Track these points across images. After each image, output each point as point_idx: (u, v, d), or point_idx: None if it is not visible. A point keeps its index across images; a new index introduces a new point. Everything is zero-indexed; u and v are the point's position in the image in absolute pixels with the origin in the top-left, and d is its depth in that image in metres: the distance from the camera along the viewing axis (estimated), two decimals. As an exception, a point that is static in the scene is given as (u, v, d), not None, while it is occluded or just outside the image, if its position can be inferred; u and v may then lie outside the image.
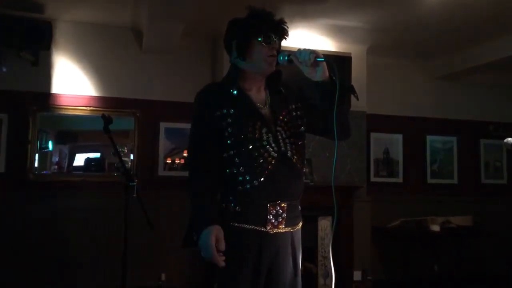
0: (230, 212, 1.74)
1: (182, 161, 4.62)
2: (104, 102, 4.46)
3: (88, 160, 4.50)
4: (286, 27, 1.84)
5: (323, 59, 1.73)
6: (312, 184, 4.28)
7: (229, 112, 1.76)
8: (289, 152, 1.78)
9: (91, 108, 4.41)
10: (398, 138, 5.43)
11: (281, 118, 1.82)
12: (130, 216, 3.17)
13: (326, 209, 4.21)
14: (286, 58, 1.77)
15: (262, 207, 1.72)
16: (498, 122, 5.90)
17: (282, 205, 1.75)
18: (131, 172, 4.31)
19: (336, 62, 1.74)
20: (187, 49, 4.68)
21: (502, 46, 4.67)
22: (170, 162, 4.62)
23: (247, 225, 1.72)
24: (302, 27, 4.33)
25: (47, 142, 4.38)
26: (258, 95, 1.85)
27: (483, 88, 5.86)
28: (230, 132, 1.74)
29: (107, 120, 3.19)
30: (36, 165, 4.26)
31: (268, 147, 1.74)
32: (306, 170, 4.27)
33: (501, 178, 5.92)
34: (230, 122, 1.75)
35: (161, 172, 4.57)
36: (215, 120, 1.76)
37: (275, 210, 1.74)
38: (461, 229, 4.98)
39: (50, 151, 4.40)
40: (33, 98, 4.27)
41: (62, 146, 4.46)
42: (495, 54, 4.77)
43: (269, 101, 1.86)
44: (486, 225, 5.10)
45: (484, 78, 5.67)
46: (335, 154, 1.70)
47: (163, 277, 4.38)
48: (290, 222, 1.79)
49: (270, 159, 1.73)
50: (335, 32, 4.52)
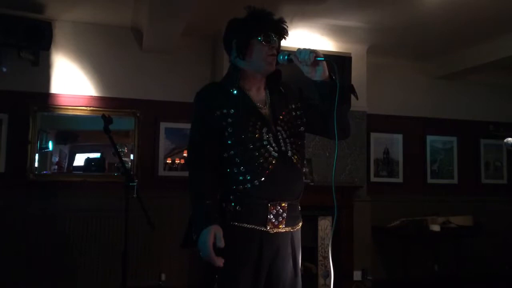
0: (230, 211, 1.74)
1: (182, 161, 4.62)
2: (104, 102, 4.46)
3: (88, 160, 4.50)
4: (285, 26, 1.84)
5: (323, 59, 1.73)
6: (312, 184, 4.28)
7: (229, 112, 1.76)
8: (289, 152, 1.78)
9: (91, 108, 4.41)
10: (398, 138, 5.43)
11: (281, 118, 1.82)
12: (130, 216, 3.18)
13: (326, 209, 4.22)
14: (286, 57, 1.77)
15: (263, 207, 1.72)
16: (498, 122, 5.90)
17: (283, 204, 1.75)
18: (131, 172, 4.32)
19: (336, 62, 1.74)
20: (187, 49, 4.68)
21: (502, 46, 4.66)
22: (170, 162, 4.62)
23: (248, 224, 1.72)
24: (302, 27, 4.33)
25: (47, 142, 4.38)
26: (258, 95, 1.85)
27: (483, 88, 5.86)
28: (231, 132, 1.74)
29: (107, 120, 3.20)
30: (36, 165, 4.26)
31: (268, 147, 1.74)
32: (306, 170, 4.27)
33: (501, 178, 5.92)
34: (230, 122, 1.75)
35: (161, 172, 4.57)
36: (215, 120, 1.76)
37: (276, 210, 1.74)
38: (461, 229, 4.98)
39: (50, 151, 4.40)
40: (33, 98, 4.27)
41: (62, 146, 4.46)
42: (495, 54, 4.77)
43: (269, 100, 1.86)
44: (486, 225, 5.10)
45: (484, 78, 5.67)
46: (335, 154, 1.71)
47: (163, 277, 4.38)
48: (290, 222, 1.79)
49: (270, 159, 1.73)
50: (335, 32, 4.52)
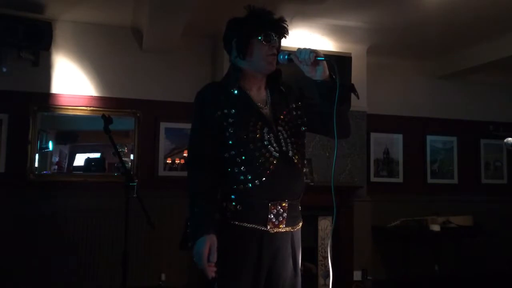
0: (231, 210, 1.73)
1: (182, 161, 4.62)
2: (104, 102, 4.46)
3: (88, 160, 4.50)
4: (286, 26, 1.83)
5: (323, 58, 1.72)
6: (312, 184, 4.28)
7: (230, 112, 1.75)
8: (290, 152, 1.77)
9: (91, 108, 4.41)
10: (398, 138, 5.43)
11: (281, 117, 1.82)
12: (130, 216, 3.18)
13: (326, 209, 4.21)
14: (286, 57, 1.77)
15: (263, 206, 1.72)
16: (498, 122, 5.90)
17: (283, 204, 1.75)
18: (131, 172, 4.32)
19: (336, 62, 1.74)
20: (187, 49, 4.68)
21: (502, 46, 4.66)
22: (170, 162, 4.62)
23: (248, 224, 1.72)
24: (302, 27, 4.33)
25: (47, 142, 4.38)
26: (259, 95, 1.84)
27: (483, 88, 5.86)
28: (231, 132, 1.74)
29: (107, 120, 3.20)
30: (36, 165, 4.26)
31: (269, 147, 1.74)
32: (306, 170, 4.27)
33: (501, 178, 5.92)
34: (231, 122, 1.74)
35: (161, 172, 4.57)
36: (216, 120, 1.75)
37: (276, 210, 1.74)
38: (461, 229, 4.98)
39: (50, 151, 4.40)
40: (33, 98, 4.27)
41: (62, 146, 4.47)
42: (495, 54, 4.77)
43: (269, 100, 1.85)
44: (486, 225, 5.10)
45: (484, 78, 5.67)
46: (335, 154, 1.70)
47: (163, 277, 4.38)
48: (290, 222, 1.78)
49: (271, 159, 1.73)
50: (335, 32, 4.52)
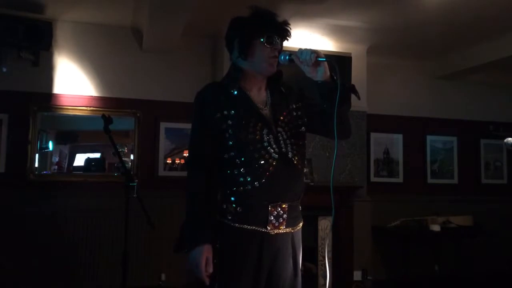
0: (231, 212, 1.73)
1: (182, 161, 4.62)
2: (104, 102, 4.46)
3: (88, 160, 4.50)
4: (289, 29, 1.82)
5: (325, 59, 1.72)
6: (312, 184, 4.27)
7: (229, 113, 1.75)
8: (290, 153, 1.77)
9: (91, 108, 4.41)
10: (398, 138, 5.43)
11: (281, 118, 1.82)
12: (130, 216, 3.18)
13: (326, 209, 4.19)
14: (287, 57, 1.76)
15: (263, 208, 1.72)
16: (498, 122, 5.90)
17: (283, 206, 1.75)
18: (131, 172, 4.32)
19: (336, 62, 1.74)
20: (187, 49, 4.68)
21: (502, 46, 4.66)
22: (170, 162, 4.62)
23: (248, 225, 1.72)
24: (302, 27, 4.32)
25: (47, 142, 4.37)
26: (259, 95, 1.84)
27: (483, 88, 5.86)
28: (231, 133, 1.74)
29: (107, 120, 3.20)
30: (36, 165, 4.26)
31: (269, 148, 1.74)
32: (306, 170, 4.26)
33: (501, 178, 5.92)
34: (231, 124, 1.74)
35: (161, 172, 4.57)
36: (216, 121, 1.75)
37: (276, 211, 1.73)
38: (461, 229, 4.98)
39: (50, 151, 4.40)
40: (33, 98, 4.26)
41: (62, 146, 4.47)
42: (495, 54, 4.77)
43: (269, 101, 1.85)
44: (486, 225, 5.10)
45: (484, 78, 5.67)
46: (335, 154, 1.70)
47: (163, 277, 4.38)
48: (290, 223, 1.78)
49: (271, 161, 1.73)
50: (335, 32, 4.52)
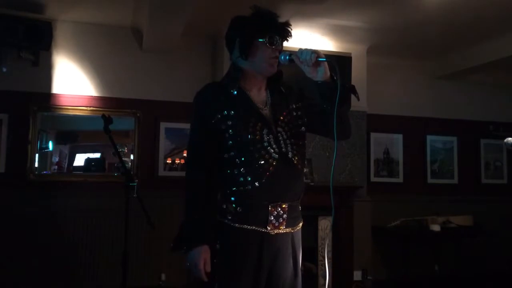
0: (231, 212, 1.73)
1: (182, 161, 4.62)
2: (104, 102, 4.46)
3: (88, 160, 4.50)
4: (290, 29, 1.82)
5: (325, 59, 1.71)
6: (312, 184, 4.27)
7: (229, 113, 1.75)
8: (290, 153, 1.77)
9: (91, 108, 4.41)
10: (398, 138, 5.43)
11: (281, 118, 1.81)
12: (130, 216, 3.17)
13: (326, 209, 4.19)
14: (288, 57, 1.76)
15: (263, 208, 1.72)
16: (498, 122, 5.90)
17: (283, 206, 1.75)
18: (131, 172, 4.32)
19: (336, 62, 1.73)
20: (187, 49, 4.68)
21: (502, 46, 4.66)
22: (170, 162, 4.62)
23: (248, 225, 1.72)
24: (302, 27, 4.32)
25: (47, 142, 4.37)
26: (259, 95, 1.84)
27: (483, 88, 5.86)
28: (231, 133, 1.74)
29: (107, 120, 3.20)
30: (36, 165, 4.26)
31: (269, 148, 1.74)
32: (307, 170, 4.26)
33: (501, 178, 5.92)
34: (231, 124, 1.74)
35: (161, 172, 4.57)
36: (215, 121, 1.75)
37: (276, 211, 1.73)
38: (461, 229, 4.98)
39: (50, 151, 4.39)
40: (33, 98, 4.26)
41: (62, 146, 4.46)
42: (495, 54, 4.76)
43: (269, 101, 1.85)
44: (486, 225, 5.10)
45: (484, 78, 5.67)
46: (335, 154, 1.70)
47: (163, 277, 4.38)
48: (290, 223, 1.78)
49: (271, 161, 1.73)
50: (335, 32, 4.52)
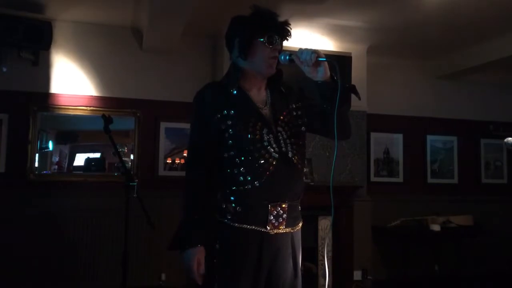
0: (230, 212, 1.73)
1: (182, 161, 4.62)
2: (104, 102, 4.46)
3: (88, 160, 4.50)
4: (289, 29, 1.82)
5: (325, 59, 1.71)
6: (312, 184, 4.27)
7: (229, 113, 1.75)
8: (290, 152, 1.77)
9: (92, 108, 4.41)
10: (398, 138, 5.43)
11: (281, 118, 1.81)
12: (130, 216, 3.17)
13: (326, 209, 4.20)
14: (288, 57, 1.76)
15: (263, 208, 1.72)
16: (498, 122, 5.90)
17: (283, 205, 1.75)
18: (131, 172, 4.32)
19: (336, 62, 1.73)
20: (187, 49, 4.68)
21: (502, 46, 4.66)
22: (170, 162, 4.62)
23: (248, 225, 1.72)
24: (302, 27, 4.32)
25: (47, 142, 4.37)
26: (259, 95, 1.84)
27: (484, 87, 5.86)
28: (231, 133, 1.74)
29: (107, 120, 3.20)
30: (36, 165, 4.26)
31: (269, 148, 1.74)
32: (307, 170, 4.26)
33: (501, 177, 5.92)
34: (231, 123, 1.74)
35: (161, 172, 4.57)
36: (215, 121, 1.75)
37: (276, 211, 1.73)
38: (461, 228, 4.98)
39: (50, 151, 4.39)
40: (33, 98, 4.26)
41: (62, 146, 4.46)
42: (496, 53, 4.76)
43: (269, 101, 1.85)
44: (486, 224, 5.10)
45: (484, 78, 5.67)
46: (335, 154, 1.70)
47: (163, 277, 4.38)
48: (290, 223, 1.78)
49: (271, 160, 1.73)
50: (335, 32, 4.52)
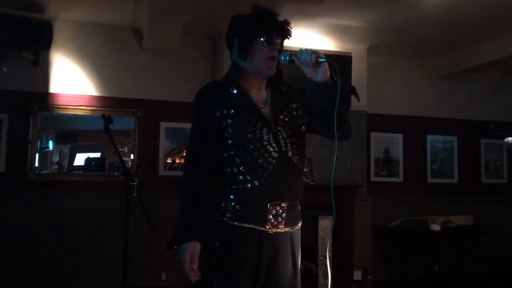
0: (230, 211, 1.73)
1: (183, 160, 4.62)
2: (104, 101, 4.46)
3: (88, 160, 4.50)
4: (289, 28, 1.81)
5: (325, 60, 1.72)
6: (312, 183, 4.27)
7: (229, 112, 1.75)
8: (289, 152, 1.77)
9: (92, 108, 4.41)
10: (398, 137, 5.43)
11: (281, 117, 1.82)
12: (130, 216, 3.18)
13: (326, 209, 4.20)
14: (288, 58, 1.76)
15: (262, 207, 1.72)
16: (498, 122, 5.90)
17: (282, 205, 1.75)
18: (132, 172, 4.32)
19: (336, 62, 1.73)
20: (187, 49, 4.68)
21: (502, 46, 4.66)
22: (171, 162, 4.62)
23: (247, 224, 1.71)
24: (302, 27, 4.32)
25: (47, 142, 4.37)
26: (259, 95, 1.84)
27: (484, 87, 5.86)
28: (231, 132, 1.74)
29: (108, 119, 3.20)
30: (36, 165, 4.26)
31: (268, 147, 1.74)
32: (307, 169, 4.27)
33: (501, 177, 5.92)
34: (230, 123, 1.74)
35: (161, 172, 4.57)
36: (215, 120, 1.75)
37: (275, 210, 1.73)
38: (461, 228, 4.98)
39: (51, 151, 4.40)
40: (33, 98, 4.26)
41: (63, 146, 4.46)
42: (496, 53, 4.76)
43: (269, 100, 1.85)
44: (486, 224, 5.10)
45: (484, 78, 5.67)
46: (335, 154, 1.70)
47: (163, 277, 4.38)
48: (289, 222, 1.78)
49: (270, 159, 1.73)
50: (335, 31, 4.52)
